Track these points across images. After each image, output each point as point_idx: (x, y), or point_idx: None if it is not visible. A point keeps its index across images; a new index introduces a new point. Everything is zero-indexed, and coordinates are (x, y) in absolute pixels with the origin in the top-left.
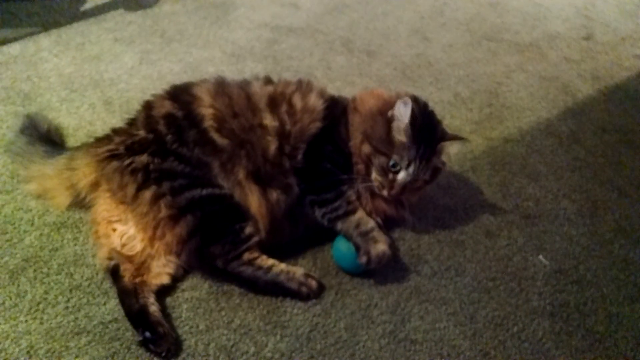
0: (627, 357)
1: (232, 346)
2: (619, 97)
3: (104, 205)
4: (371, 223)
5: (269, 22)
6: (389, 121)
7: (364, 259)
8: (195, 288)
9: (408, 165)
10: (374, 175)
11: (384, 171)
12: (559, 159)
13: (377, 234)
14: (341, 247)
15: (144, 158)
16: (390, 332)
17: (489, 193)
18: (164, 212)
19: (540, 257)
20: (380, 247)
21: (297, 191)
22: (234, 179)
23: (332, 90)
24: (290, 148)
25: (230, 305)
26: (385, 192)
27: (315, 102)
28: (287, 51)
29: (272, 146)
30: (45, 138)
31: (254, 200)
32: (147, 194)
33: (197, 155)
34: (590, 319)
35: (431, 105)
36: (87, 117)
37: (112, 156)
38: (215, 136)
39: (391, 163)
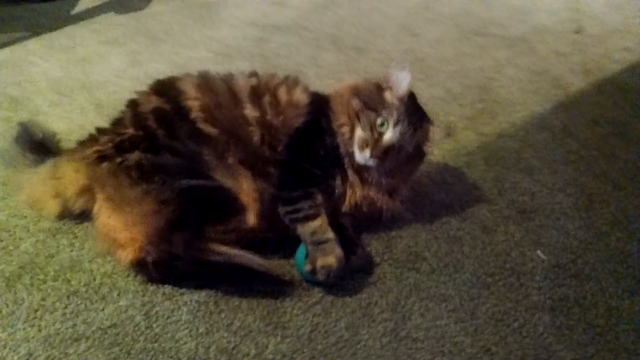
0: (628, 349)
1: (233, 348)
2: (610, 89)
3: (110, 215)
4: (329, 234)
5: (256, 20)
6: (379, 86)
7: (308, 268)
8: (194, 291)
9: (395, 125)
10: (358, 133)
11: (370, 129)
12: (552, 152)
13: (331, 246)
14: (299, 254)
15: (135, 155)
16: (391, 330)
17: (484, 188)
18: (150, 206)
19: (538, 252)
20: (328, 260)
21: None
22: (227, 164)
23: (322, 88)
24: (272, 139)
25: (230, 307)
26: (367, 153)
27: (301, 96)
28: (275, 49)
29: (255, 136)
30: (39, 146)
31: (246, 184)
32: (138, 190)
33: (189, 147)
34: (591, 313)
35: (423, 102)
36: (77, 121)
37: (102, 157)
38: (203, 126)
39: (379, 121)
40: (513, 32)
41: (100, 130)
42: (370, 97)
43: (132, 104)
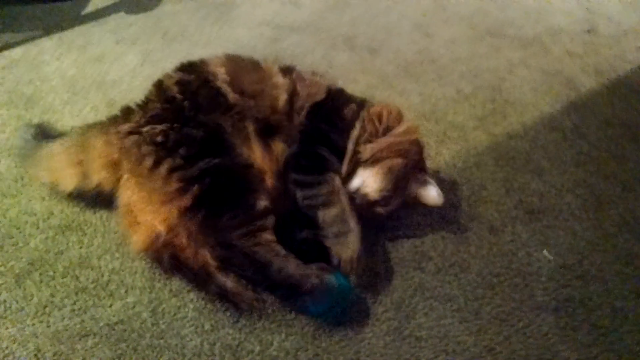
0: (632, 351)
1: (238, 345)
2: (623, 90)
3: (133, 190)
4: (351, 224)
5: (270, 20)
6: (414, 174)
7: (334, 261)
8: None
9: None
10: (378, 182)
11: (382, 188)
12: (562, 153)
13: (352, 238)
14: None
15: (163, 126)
16: (395, 329)
17: (493, 189)
18: (174, 185)
19: (545, 252)
20: (351, 253)
21: None
22: (244, 134)
23: None
24: (298, 105)
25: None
26: (365, 198)
27: (322, 80)
28: (289, 49)
29: (282, 98)
30: None
31: (257, 152)
32: (163, 168)
33: (213, 118)
34: (595, 314)
35: (434, 101)
36: (90, 119)
37: (133, 132)
38: (228, 90)
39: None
40: (527, 33)
41: (129, 109)
42: (405, 174)
43: (158, 83)
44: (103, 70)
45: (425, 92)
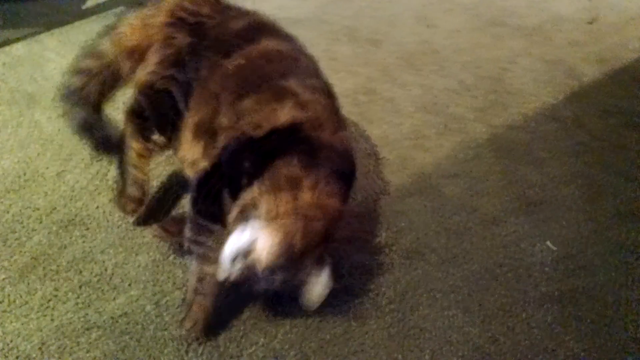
0: (637, 340)
1: (242, 337)
2: (624, 79)
3: None
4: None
5: (274, 14)
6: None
7: (181, 320)
8: None
9: None
10: None
11: None
12: (562, 144)
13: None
14: None
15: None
16: (399, 320)
17: (494, 180)
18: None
19: (548, 243)
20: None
21: None
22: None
23: (336, 80)
24: None
25: (239, 297)
26: None
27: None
28: None
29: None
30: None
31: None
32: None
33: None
34: (599, 304)
35: (435, 92)
36: None
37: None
38: None
39: None
40: (530, 22)
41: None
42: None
43: None
44: None
45: (427, 83)
